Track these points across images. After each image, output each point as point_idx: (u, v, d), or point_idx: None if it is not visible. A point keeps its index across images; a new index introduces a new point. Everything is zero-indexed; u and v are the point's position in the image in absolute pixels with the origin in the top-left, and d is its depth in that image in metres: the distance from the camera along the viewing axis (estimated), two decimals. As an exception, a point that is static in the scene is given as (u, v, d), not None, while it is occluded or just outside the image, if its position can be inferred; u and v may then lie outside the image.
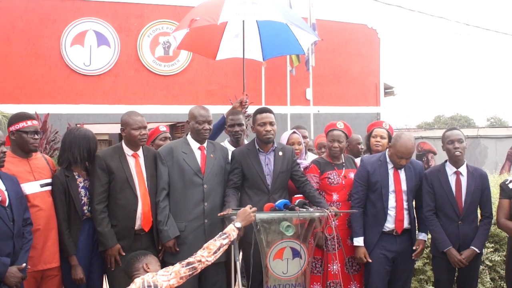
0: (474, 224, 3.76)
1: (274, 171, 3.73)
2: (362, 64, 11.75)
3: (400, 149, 3.71)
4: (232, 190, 3.65)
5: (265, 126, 3.71)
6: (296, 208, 3.34)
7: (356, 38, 11.68)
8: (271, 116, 3.76)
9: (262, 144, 3.77)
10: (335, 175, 3.93)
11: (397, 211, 3.76)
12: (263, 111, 3.78)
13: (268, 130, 3.70)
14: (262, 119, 3.74)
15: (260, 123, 3.73)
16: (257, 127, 3.74)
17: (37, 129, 3.39)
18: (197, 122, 3.67)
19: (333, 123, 4.08)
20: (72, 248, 3.41)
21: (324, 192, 3.94)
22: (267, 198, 3.61)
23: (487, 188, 3.80)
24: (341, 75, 11.51)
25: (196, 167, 3.62)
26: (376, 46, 11.94)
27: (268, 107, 3.88)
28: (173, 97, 9.91)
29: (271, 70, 10.17)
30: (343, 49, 11.50)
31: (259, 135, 3.74)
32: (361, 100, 11.76)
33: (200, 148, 3.72)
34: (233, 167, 3.74)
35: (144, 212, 3.52)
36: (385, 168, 3.85)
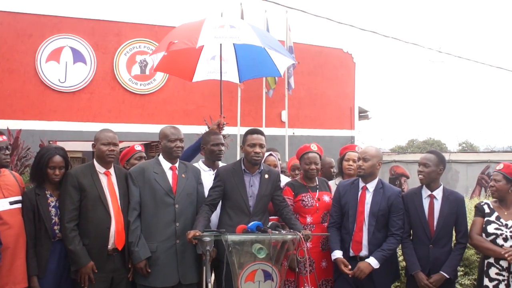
0: (447, 248, 3.74)
1: (258, 194, 3.73)
2: (337, 88, 11.92)
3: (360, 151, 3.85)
4: (206, 207, 3.62)
5: (254, 147, 3.71)
6: (269, 231, 3.34)
7: (332, 62, 11.88)
8: (262, 138, 3.77)
9: (249, 165, 3.77)
10: (309, 197, 3.95)
11: (355, 232, 3.78)
12: (255, 132, 3.79)
13: (257, 152, 3.70)
14: (253, 140, 3.74)
15: (250, 143, 3.73)
16: (247, 147, 3.74)
17: (7, 144, 3.34)
18: (169, 141, 3.67)
19: (306, 145, 4.13)
20: (34, 269, 3.33)
21: (298, 214, 3.95)
22: (248, 220, 3.59)
23: (462, 212, 3.78)
24: (317, 98, 11.65)
25: (167, 187, 3.61)
26: (352, 70, 12.15)
27: (260, 129, 3.89)
28: (149, 116, 9.88)
29: (247, 91, 10.24)
30: (319, 73, 11.67)
31: (247, 155, 3.74)
32: (336, 123, 11.90)
33: (172, 168, 3.71)
34: (216, 184, 3.73)
35: (117, 230, 3.48)
36: (356, 190, 3.88)
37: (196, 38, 4.07)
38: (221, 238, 3.28)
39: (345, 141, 11.35)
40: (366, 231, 3.75)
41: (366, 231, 3.75)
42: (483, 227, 3.71)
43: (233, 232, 3.39)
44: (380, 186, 3.85)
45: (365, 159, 3.81)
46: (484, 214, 3.75)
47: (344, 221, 3.87)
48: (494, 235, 3.64)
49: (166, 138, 3.69)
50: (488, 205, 3.80)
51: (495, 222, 3.69)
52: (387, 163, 14.36)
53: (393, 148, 25.96)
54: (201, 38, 4.07)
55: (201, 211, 3.60)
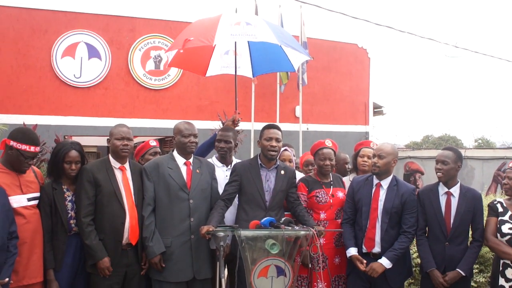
0: (463, 246, 3.71)
1: (274, 189, 3.77)
2: (351, 83, 11.85)
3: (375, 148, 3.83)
4: (222, 202, 3.65)
5: (271, 141, 3.76)
6: (282, 226, 3.35)
7: (347, 57, 11.81)
8: (279, 133, 3.82)
9: (265, 160, 3.81)
10: (323, 193, 3.96)
11: (368, 229, 3.77)
12: (271, 127, 3.85)
13: (273, 146, 3.75)
14: (270, 134, 3.79)
15: (266, 137, 3.79)
16: (263, 141, 3.80)
17: (36, 155, 3.40)
18: (182, 136, 3.70)
19: (321, 141, 4.13)
20: (51, 262, 3.37)
21: (311, 210, 3.96)
22: (264, 215, 3.61)
23: (479, 210, 3.75)
24: (331, 93, 11.60)
25: (181, 182, 3.63)
26: (366, 65, 12.07)
27: (277, 125, 3.94)
28: (163, 111, 9.91)
29: (261, 87, 10.23)
30: (333, 68, 11.61)
31: (264, 149, 3.79)
32: (350, 118, 11.84)
33: (186, 163, 3.74)
34: (232, 179, 3.77)
35: (131, 225, 3.51)
36: (370, 186, 3.87)
37: (213, 36, 4.07)
38: (234, 233, 3.29)
39: (359, 137, 11.29)
40: (379, 228, 3.75)
41: (379, 228, 3.75)
42: (497, 227, 3.67)
43: (247, 228, 3.41)
44: (394, 183, 3.83)
45: (380, 156, 3.80)
46: (497, 214, 3.71)
47: (358, 217, 3.87)
48: (509, 235, 3.61)
49: (180, 134, 3.71)
50: (501, 204, 3.75)
51: (509, 222, 3.65)
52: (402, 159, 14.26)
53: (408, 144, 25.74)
54: (217, 36, 4.07)
55: (216, 206, 3.63)
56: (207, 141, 4.49)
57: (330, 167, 4.02)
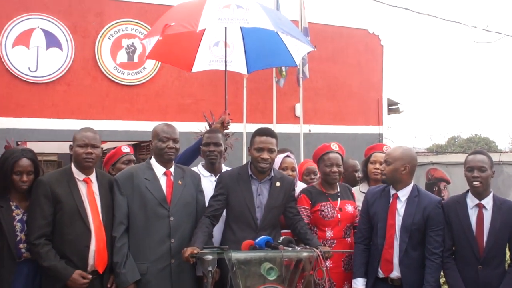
0: (500, 269, 3.66)
1: (267, 205, 3.79)
2: (361, 76, 11.90)
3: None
4: (207, 220, 3.67)
5: (262, 152, 3.76)
6: (280, 247, 3.35)
7: (355, 45, 11.85)
8: (272, 141, 3.82)
9: (256, 172, 3.83)
10: (329, 207, 3.99)
11: (385, 249, 3.76)
12: (263, 134, 3.84)
13: (264, 159, 3.75)
14: (261, 143, 3.79)
15: (256, 147, 3.79)
16: (253, 151, 3.81)
17: None
18: (160, 140, 3.71)
19: (325, 145, 4.17)
20: None
21: (315, 227, 4.00)
22: (254, 235, 3.62)
23: None
24: (337, 88, 11.64)
25: (160, 196, 3.64)
26: (379, 54, 12.12)
27: (271, 130, 3.92)
28: (138, 111, 9.90)
29: (254, 81, 10.24)
30: (339, 58, 11.64)
31: (254, 161, 3.81)
32: (360, 118, 11.89)
33: (166, 173, 3.75)
34: (218, 192, 3.79)
35: (98, 249, 3.50)
36: (386, 199, 3.88)
37: (197, 20, 4.09)
38: (224, 256, 3.29)
39: (371, 139, 11.30)
40: (397, 248, 3.74)
41: (398, 248, 3.74)
42: None
43: (238, 249, 3.41)
44: (415, 194, 3.82)
45: (386, 162, 3.84)
46: None
47: (373, 235, 3.88)
48: None
49: (157, 138, 3.73)
50: None
51: None
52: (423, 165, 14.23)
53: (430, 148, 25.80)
54: (202, 20, 4.08)
55: (201, 224, 3.64)
56: (191, 146, 4.50)
57: (338, 175, 4.06)
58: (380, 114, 12.13)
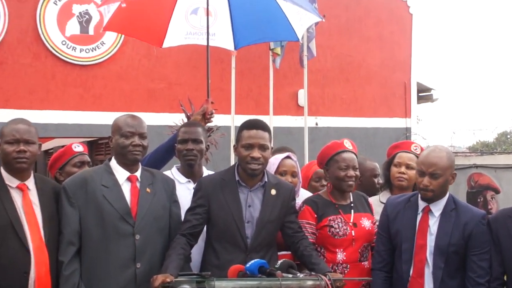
0: None
1: (260, 219, 3.79)
2: (384, 54, 11.94)
3: (420, 158, 3.81)
4: (182, 239, 3.66)
5: (251, 150, 3.74)
6: (278, 273, 3.34)
7: (376, 13, 11.89)
8: (264, 136, 3.81)
9: (246, 176, 3.82)
10: (341, 222, 3.99)
11: (413, 278, 3.76)
12: (253, 127, 3.82)
13: (255, 158, 3.73)
14: (250, 138, 3.77)
15: (245, 144, 3.77)
16: (241, 149, 3.79)
17: None
18: (122, 136, 3.68)
19: (336, 142, 4.16)
20: None
21: (323, 248, 4.01)
22: (244, 259, 3.64)
23: None
24: (352, 70, 11.68)
25: (123, 207, 3.61)
26: (407, 26, 12.16)
27: (262, 122, 3.92)
28: (94, 99, 9.91)
29: (245, 61, 10.25)
30: (355, 31, 11.67)
31: (241, 162, 3.80)
32: (382, 108, 11.92)
33: (130, 178, 3.73)
34: (197, 203, 3.79)
35: (39, 277, 3.46)
36: (413, 211, 3.87)
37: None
38: (205, 285, 3.27)
39: (395, 135, 11.34)
40: (429, 277, 3.74)
41: (430, 277, 3.74)
42: None
43: (224, 276, 3.40)
44: (451, 206, 3.81)
45: (434, 176, 3.72)
46: None
47: (396, 259, 3.88)
48: None
49: (118, 132, 3.70)
50: None
51: None
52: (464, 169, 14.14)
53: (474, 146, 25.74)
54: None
55: (175, 244, 3.63)
56: (163, 144, 4.51)
57: (354, 181, 4.06)
58: (407, 103, 12.16)
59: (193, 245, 3.75)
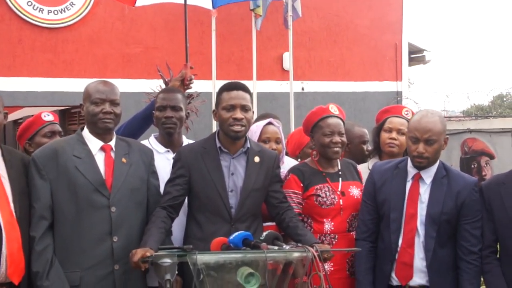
0: None
1: (244, 186, 3.82)
2: (373, 14, 11.95)
3: (412, 124, 3.79)
4: (162, 212, 3.68)
5: (233, 111, 3.76)
6: (263, 245, 3.35)
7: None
8: (246, 96, 3.85)
9: (228, 141, 3.85)
10: (328, 190, 4.03)
11: (402, 249, 3.79)
12: (233, 88, 3.85)
13: (238, 119, 3.75)
14: (231, 99, 3.79)
15: (226, 105, 3.79)
16: (222, 111, 3.81)
17: None
18: (92, 103, 3.68)
19: (322, 107, 4.17)
20: None
21: (310, 218, 4.04)
22: (228, 229, 3.69)
23: None
24: (340, 31, 11.67)
25: (97, 179, 3.62)
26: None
27: (242, 84, 3.94)
28: (65, 64, 9.86)
29: (226, 22, 10.20)
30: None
31: (223, 125, 3.81)
32: (371, 71, 11.95)
33: (104, 148, 3.73)
34: (176, 174, 3.81)
35: (11, 253, 3.46)
36: (401, 178, 3.89)
37: None
38: (187, 259, 3.29)
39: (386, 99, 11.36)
40: (420, 247, 3.79)
41: (421, 246, 3.78)
42: None
43: (207, 250, 3.43)
44: (442, 173, 3.85)
45: (429, 142, 3.73)
46: None
47: (382, 229, 3.91)
48: None
49: (89, 100, 3.70)
50: None
51: None
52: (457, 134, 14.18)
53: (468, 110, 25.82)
54: None
55: (154, 218, 3.65)
56: (140, 112, 4.52)
57: (341, 147, 4.08)
58: (398, 66, 12.21)
59: (174, 218, 3.77)
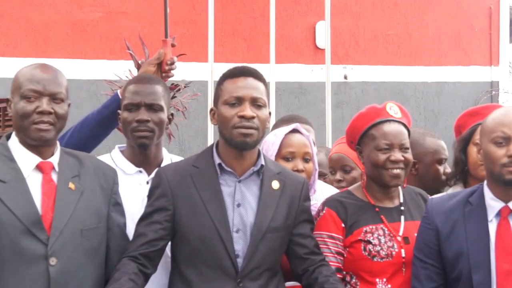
0: None
1: (257, 225, 3.81)
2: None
3: (494, 121, 3.77)
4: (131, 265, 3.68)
5: (240, 106, 3.77)
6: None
7: None
8: (259, 86, 3.88)
9: (232, 155, 3.85)
10: (383, 235, 4.04)
11: None
12: (240, 74, 3.87)
13: (246, 117, 3.75)
14: (236, 90, 3.83)
15: (229, 99, 3.80)
16: (223, 108, 3.82)
17: None
18: (23, 97, 3.67)
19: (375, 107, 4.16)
20: None
21: (355, 277, 4.05)
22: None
23: None
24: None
25: (29, 214, 3.58)
26: None
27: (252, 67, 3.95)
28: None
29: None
30: None
31: (225, 128, 3.81)
32: (452, 50, 11.95)
33: (42, 167, 3.72)
34: (154, 207, 3.81)
35: None
36: (480, 219, 3.88)
37: None
38: None
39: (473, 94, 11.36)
40: None
41: None
42: None
43: None
44: None
45: None
46: None
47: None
48: None
49: (18, 93, 3.69)
50: None
51: None
52: None
53: None
54: None
55: (118, 274, 3.64)
56: (98, 110, 4.56)
57: (404, 169, 4.06)
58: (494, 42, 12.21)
59: (150, 275, 3.77)
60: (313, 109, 9.13)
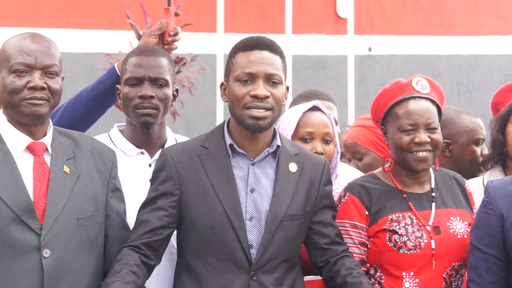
0: None
1: (273, 212, 3.82)
2: None
3: None
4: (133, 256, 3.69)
5: (253, 83, 3.78)
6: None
7: None
8: (274, 61, 3.89)
9: (245, 136, 3.86)
10: (411, 224, 4.04)
11: None
12: (254, 46, 3.87)
13: (259, 96, 3.75)
14: (249, 65, 3.83)
15: (240, 75, 3.82)
16: (234, 84, 3.83)
17: None
18: (12, 71, 3.67)
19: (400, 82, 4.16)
20: None
21: (380, 270, 4.06)
22: (245, 283, 3.74)
23: None
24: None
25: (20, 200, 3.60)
26: None
27: (268, 38, 3.94)
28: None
29: None
30: None
31: (236, 107, 3.82)
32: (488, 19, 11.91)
33: (33, 148, 3.72)
34: (158, 192, 3.83)
35: None
36: None
37: None
38: None
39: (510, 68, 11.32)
40: None
41: None
42: None
43: None
44: None
45: None
46: None
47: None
48: None
49: (7, 67, 3.68)
50: None
51: None
52: None
53: None
54: None
55: (119, 265, 3.65)
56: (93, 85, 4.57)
57: (433, 151, 4.05)
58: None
59: (153, 267, 3.78)
60: (334, 85, 9.14)
